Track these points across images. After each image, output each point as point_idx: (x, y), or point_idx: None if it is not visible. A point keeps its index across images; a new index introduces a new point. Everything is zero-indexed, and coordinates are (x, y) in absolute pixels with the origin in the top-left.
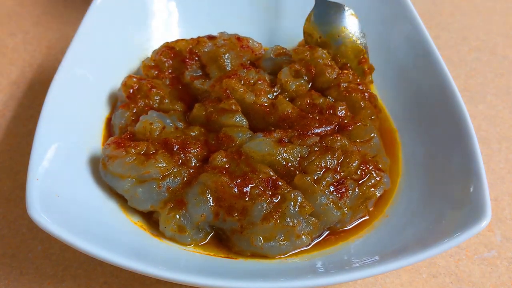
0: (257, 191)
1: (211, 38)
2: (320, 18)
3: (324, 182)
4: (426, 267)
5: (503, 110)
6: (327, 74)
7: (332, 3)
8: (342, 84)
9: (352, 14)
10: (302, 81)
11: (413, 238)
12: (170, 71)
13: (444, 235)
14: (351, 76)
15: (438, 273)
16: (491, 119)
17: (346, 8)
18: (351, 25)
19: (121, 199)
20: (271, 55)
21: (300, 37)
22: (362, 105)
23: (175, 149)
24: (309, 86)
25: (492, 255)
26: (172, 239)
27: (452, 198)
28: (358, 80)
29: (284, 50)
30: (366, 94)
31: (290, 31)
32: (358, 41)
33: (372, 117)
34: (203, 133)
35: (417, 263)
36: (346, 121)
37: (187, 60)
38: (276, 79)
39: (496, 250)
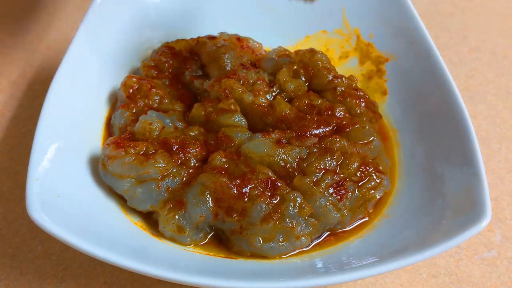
0: (256, 192)
1: (211, 38)
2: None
3: (323, 184)
4: (426, 267)
5: (503, 110)
6: (322, 76)
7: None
8: (339, 88)
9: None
10: (300, 82)
11: (413, 238)
12: (170, 71)
13: (444, 235)
14: (346, 81)
15: (438, 273)
16: (491, 119)
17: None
18: None
19: (121, 199)
20: (273, 56)
21: (300, 37)
22: (358, 111)
23: (174, 149)
24: (307, 87)
25: (492, 255)
26: (171, 239)
27: (452, 198)
28: (354, 85)
29: (286, 52)
30: (362, 100)
31: (290, 31)
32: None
33: (372, 121)
34: (203, 133)
35: (417, 263)
36: (344, 122)
37: (187, 60)
38: (275, 80)
39: (496, 250)
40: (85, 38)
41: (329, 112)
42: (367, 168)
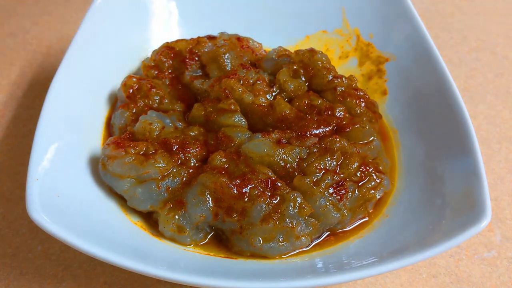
0: (256, 192)
1: (211, 38)
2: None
3: (323, 184)
4: (426, 267)
5: (503, 110)
6: (322, 76)
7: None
8: (339, 88)
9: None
10: (300, 82)
11: (413, 238)
12: (170, 71)
13: (444, 235)
14: (346, 81)
15: (438, 273)
16: (491, 119)
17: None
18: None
19: (121, 199)
20: (273, 56)
21: (300, 37)
22: (358, 111)
23: (174, 149)
24: (307, 87)
25: (492, 255)
26: (171, 239)
27: (452, 198)
28: (354, 85)
29: (286, 52)
30: (362, 100)
31: (290, 31)
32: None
33: (372, 121)
34: (203, 133)
35: (417, 263)
36: (344, 122)
37: (187, 60)
38: (275, 80)
39: (496, 250)
40: (85, 38)
41: (329, 112)
42: (367, 168)
